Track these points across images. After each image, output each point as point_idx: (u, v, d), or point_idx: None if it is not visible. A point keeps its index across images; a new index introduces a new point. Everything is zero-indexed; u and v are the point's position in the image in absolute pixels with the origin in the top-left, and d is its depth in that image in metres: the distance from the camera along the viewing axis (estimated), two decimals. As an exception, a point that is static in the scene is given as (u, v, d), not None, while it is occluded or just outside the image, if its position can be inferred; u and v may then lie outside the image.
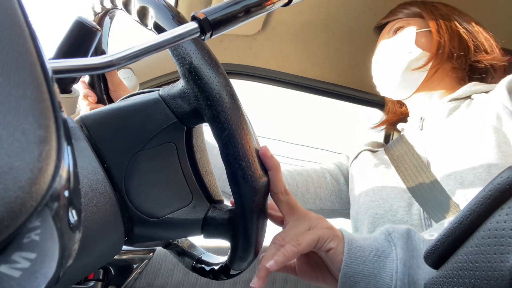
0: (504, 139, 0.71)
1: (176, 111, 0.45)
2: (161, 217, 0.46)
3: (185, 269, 1.10)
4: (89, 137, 0.44)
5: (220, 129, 0.41)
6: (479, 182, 0.68)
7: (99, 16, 0.61)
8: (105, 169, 0.44)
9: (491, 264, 0.29)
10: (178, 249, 0.59)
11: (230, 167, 0.42)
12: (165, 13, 0.42)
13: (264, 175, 0.44)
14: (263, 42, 1.20)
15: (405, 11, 0.93)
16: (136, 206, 0.45)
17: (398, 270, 0.47)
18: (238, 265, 0.50)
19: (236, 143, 0.41)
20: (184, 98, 0.44)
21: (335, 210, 1.01)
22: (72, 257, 0.21)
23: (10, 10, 0.20)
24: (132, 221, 0.46)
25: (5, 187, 0.15)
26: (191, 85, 0.42)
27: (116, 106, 0.46)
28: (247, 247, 0.47)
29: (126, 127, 0.45)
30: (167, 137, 0.47)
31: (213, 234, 0.49)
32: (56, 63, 0.28)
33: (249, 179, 0.42)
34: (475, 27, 0.89)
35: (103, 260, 0.47)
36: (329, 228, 0.50)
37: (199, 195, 0.49)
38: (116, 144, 0.45)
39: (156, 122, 0.46)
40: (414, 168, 0.82)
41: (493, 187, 0.29)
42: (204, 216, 0.48)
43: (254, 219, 0.44)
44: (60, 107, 0.19)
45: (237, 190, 0.43)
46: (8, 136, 0.16)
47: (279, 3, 0.39)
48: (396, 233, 0.51)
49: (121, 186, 0.44)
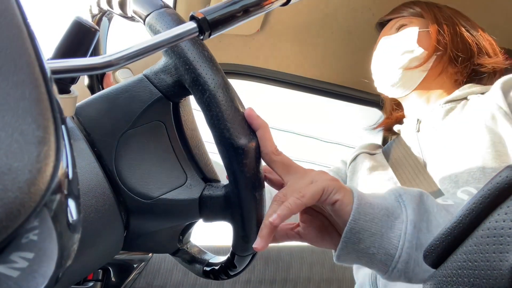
0: (499, 139, 0.71)
1: (159, 85, 0.46)
2: (155, 197, 0.45)
3: (184, 269, 1.10)
4: (78, 123, 0.45)
5: (201, 91, 0.40)
6: (474, 181, 0.68)
7: (97, 18, 0.61)
8: (95, 152, 0.44)
9: (490, 263, 0.29)
10: (187, 256, 0.57)
11: (215, 130, 0.40)
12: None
13: (253, 137, 0.42)
14: (262, 42, 1.20)
15: (409, 10, 0.94)
16: (129, 187, 0.45)
17: (407, 231, 0.45)
18: (243, 248, 0.48)
19: (219, 103, 0.39)
20: (166, 72, 0.45)
21: None
22: (71, 257, 0.21)
23: (8, 11, 0.20)
24: (127, 208, 0.45)
25: (4, 188, 0.15)
26: (170, 57, 0.43)
27: (103, 91, 0.47)
28: (246, 223, 0.44)
29: (113, 109, 0.46)
30: (154, 115, 0.47)
31: (212, 215, 0.47)
32: (54, 63, 0.28)
33: (236, 140, 0.40)
34: (479, 31, 0.89)
35: (102, 261, 0.47)
36: (333, 179, 0.47)
37: (193, 174, 0.48)
38: (104, 126, 0.45)
39: (141, 100, 0.46)
40: (411, 169, 0.83)
41: (492, 186, 0.29)
42: (199, 195, 0.47)
43: (249, 187, 0.42)
44: (59, 107, 0.19)
45: (226, 154, 0.41)
46: (6, 137, 0.16)
47: (277, 3, 0.39)
48: (407, 195, 0.48)
49: (111, 168, 0.44)
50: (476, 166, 0.69)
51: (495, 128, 0.73)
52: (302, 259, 1.26)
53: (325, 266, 1.28)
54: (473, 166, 0.70)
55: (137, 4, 0.43)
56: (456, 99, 0.86)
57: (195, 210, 0.47)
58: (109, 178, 0.44)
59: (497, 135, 0.72)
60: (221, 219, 0.47)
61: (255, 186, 0.43)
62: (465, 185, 0.69)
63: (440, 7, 0.93)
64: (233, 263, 0.50)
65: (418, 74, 0.89)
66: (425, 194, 0.50)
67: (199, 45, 0.41)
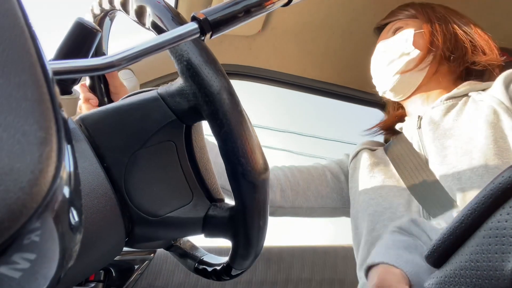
0: (500, 134, 0.71)
1: (175, 108, 0.45)
2: (161, 216, 0.46)
3: (186, 270, 1.10)
4: (88, 136, 0.45)
5: (218, 125, 0.40)
6: (477, 178, 0.68)
7: (98, 18, 0.61)
8: (105, 168, 0.44)
9: (492, 263, 0.29)
10: (180, 251, 0.58)
11: (229, 164, 0.41)
12: (165, 13, 0.42)
13: (265, 171, 0.43)
14: (263, 42, 1.20)
15: (404, 12, 0.94)
16: (136, 205, 0.45)
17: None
18: (240, 264, 0.49)
19: (235, 138, 0.40)
20: (183, 96, 0.44)
21: (337, 208, 1.01)
22: (73, 258, 0.21)
23: (10, 11, 0.20)
24: (133, 220, 0.46)
25: (6, 189, 0.15)
26: (189, 83, 0.42)
27: (115, 105, 0.46)
28: (248, 245, 0.46)
29: (125, 125, 0.45)
30: (166, 136, 0.47)
31: (214, 233, 0.49)
32: (56, 64, 0.28)
33: (248, 175, 0.41)
34: (473, 28, 0.89)
35: (104, 261, 0.47)
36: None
37: (199, 193, 0.49)
38: (115, 142, 0.45)
39: (155, 120, 0.45)
40: (413, 166, 0.83)
41: (494, 187, 0.29)
42: (204, 214, 0.48)
43: (255, 217, 0.44)
44: (61, 108, 0.19)
45: (237, 187, 0.42)
46: (8, 138, 0.16)
47: (279, 3, 0.39)
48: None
49: (120, 185, 0.44)
50: (479, 163, 0.69)
51: (497, 123, 0.73)
52: (303, 260, 1.26)
53: (327, 266, 1.28)
54: (476, 162, 0.70)
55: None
56: (457, 96, 0.86)
57: (198, 227, 0.48)
58: (117, 194, 0.44)
59: (499, 131, 0.72)
60: (222, 237, 0.49)
61: (260, 215, 0.44)
62: (468, 182, 0.69)
63: (434, 7, 0.93)
64: (228, 271, 0.51)
65: (416, 75, 0.89)
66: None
67: (222, 76, 0.41)
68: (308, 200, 0.98)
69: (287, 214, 0.99)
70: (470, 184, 0.69)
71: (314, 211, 1.00)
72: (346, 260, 1.30)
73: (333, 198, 1.00)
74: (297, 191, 0.97)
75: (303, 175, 0.99)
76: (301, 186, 0.97)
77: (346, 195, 1.00)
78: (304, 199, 0.97)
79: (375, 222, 0.81)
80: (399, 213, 0.78)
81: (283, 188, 0.97)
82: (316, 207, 0.99)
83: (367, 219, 0.83)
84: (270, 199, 0.95)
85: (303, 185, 0.98)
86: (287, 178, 0.98)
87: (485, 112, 0.75)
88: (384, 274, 0.49)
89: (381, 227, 0.79)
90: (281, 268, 1.22)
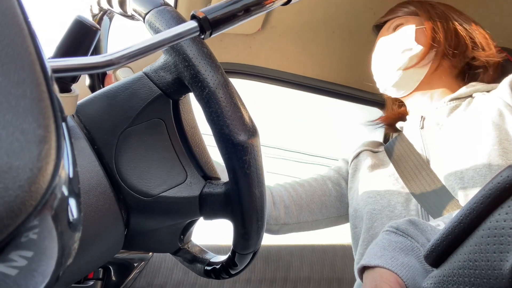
0: (505, 136, 0.71)
1: (159, 83, 0.46)
2: (155, 195, 0.45)
3: (185, 268, 1.11)
4: (78, 122, 0.45)
5: (200, 88, 0.40)
6: (479, 178, 0.68)
7: (98, 17, 0.61)
8: (96, 150, 0.44)
9: (491, 263, 0.29)
10: (189, 255, 0.57)
11: (214, 126, 0.40)
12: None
13: (253, 133, 0.41)
14: (263, 41, 1.20)
15: (404, 9, 0.94)
16: (129, 185, 0.45)
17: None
18: (243, 246, 0.47)
19: (218, 100, 0.39)
20: (166, 69, 0.45)
21: (341, 216, 1.02)
22: (72, 256, 0.21)
23: (9, 10, 0.20)
24: (127, 205, 0.45)
25: (5, 186, 0.15)
26: (170, 54, 0.43)
27: (102, 89, 0.48)
28: (247, 220, 0.44)
29: (112, 106, 0.46)
30: (154, 113, 0.47)
31: (213, 212, 0.47)
32: (55, 62, 0.28)
33: (235, 136, 0.39)
34: (472, 25, 0.90)
35: (103, 259, 0.47)
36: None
37: (193, 172, 0.48)
38: (104, 123, 0.45)
39: (141, 97, 0.46)
40: (414, 166, 0.83)
41: (493, 186, 0.29)
42: (200, 192, 0.46)
43: (249, 183, 0.41)
44: (60, 106, 0.19)
45: (225, 151, 0.40)
46: (7, 136, 0.16)
47: (278, 2, 0.39)
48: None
49: (112, 166, 0.44)
50: (482, 163, 0.69)
51: (502, 125, 0.73)
52: (302, 258, 1.26)
53: (325, 265, 1.28)
54: (479, 162, 0.70)
55: (137, 2, 0.43)
56: (461, 97, 0.86)
57: (195, 207, 0.47)
58: (109, 176, 0.44)
59: (504, 132, 0.72)
60: (221, 216, 0.47)
61: (255, 183, 0.42)
62: (470, 181, 0.70)
63: (433, 4, 0.94)
64: (234, 261, 0.50)
65: (419, 72, 0.89)
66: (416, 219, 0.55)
67: (198, 42, 0.41)
68: (312, 213, 0.98)
69: (293, 230, 1.00)
70: (472, 183, 0.69)
71: (319, 223, 1.01)
72: (345, 258, 1.30)
73: (336, 206, 1.00)
74: (300, 205, 0.97)
75: (305, 188, 0.99)
76: (304, 200, 0.98)
77: (347, 201, 1.00)
78: (308, 212, 0.98)
79: (373, 220, 0.81)
80: (397, 212, 0.78)
81: (287, 204, 0.97)
82: (321, 219, 0.99)
83: (365, 217, 0.84)
84: (275, 217, 0.95)
85: (306, 199, 0.98)
86: (289, 194, 0.98)
87: (490, 113, 0.75)
88: (379, 282, 0.48)
89: (379, 225, 0.79)
90: (279, 266, 1.22)
